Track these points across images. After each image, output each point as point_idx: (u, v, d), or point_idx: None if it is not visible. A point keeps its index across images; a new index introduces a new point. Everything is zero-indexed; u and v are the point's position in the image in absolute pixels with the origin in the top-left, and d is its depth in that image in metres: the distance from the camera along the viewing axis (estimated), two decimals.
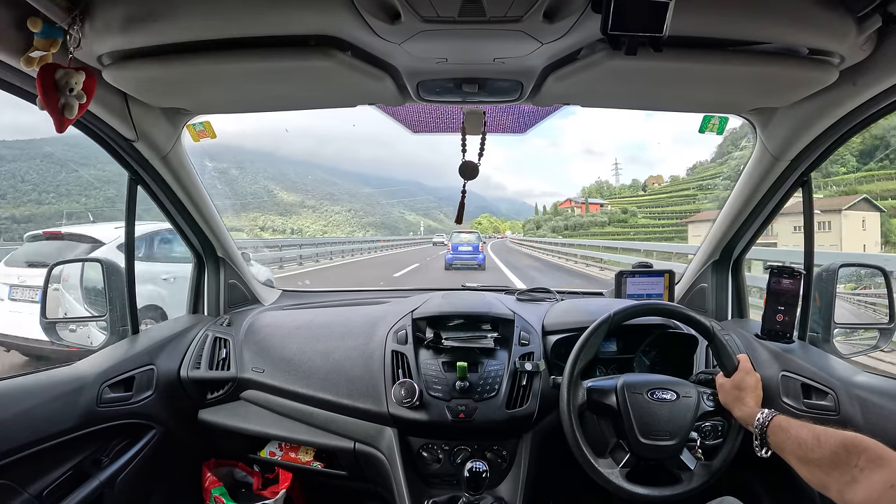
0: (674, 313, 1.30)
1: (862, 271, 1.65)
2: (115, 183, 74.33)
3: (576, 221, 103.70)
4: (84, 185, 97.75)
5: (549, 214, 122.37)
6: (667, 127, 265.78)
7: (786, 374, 1.31)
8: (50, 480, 1.18)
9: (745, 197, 1.53)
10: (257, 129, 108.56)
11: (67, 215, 76.67)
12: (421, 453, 1.42)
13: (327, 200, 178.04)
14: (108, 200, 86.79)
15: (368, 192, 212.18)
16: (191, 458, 1.67)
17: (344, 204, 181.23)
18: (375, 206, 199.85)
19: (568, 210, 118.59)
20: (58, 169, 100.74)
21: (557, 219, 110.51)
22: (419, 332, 1.55)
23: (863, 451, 0.80)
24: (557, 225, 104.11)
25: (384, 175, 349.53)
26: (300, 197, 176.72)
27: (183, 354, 1.60)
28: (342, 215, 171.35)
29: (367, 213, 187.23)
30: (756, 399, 1.14)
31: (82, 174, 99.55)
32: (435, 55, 1.06)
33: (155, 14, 0.90)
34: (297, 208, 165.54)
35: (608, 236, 79.64)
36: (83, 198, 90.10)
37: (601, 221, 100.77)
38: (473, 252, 17.54)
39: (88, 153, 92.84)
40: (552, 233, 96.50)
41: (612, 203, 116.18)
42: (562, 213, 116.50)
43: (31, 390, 1.16)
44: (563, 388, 1.20)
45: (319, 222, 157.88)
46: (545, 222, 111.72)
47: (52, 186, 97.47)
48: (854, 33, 0.91)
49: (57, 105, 0.92)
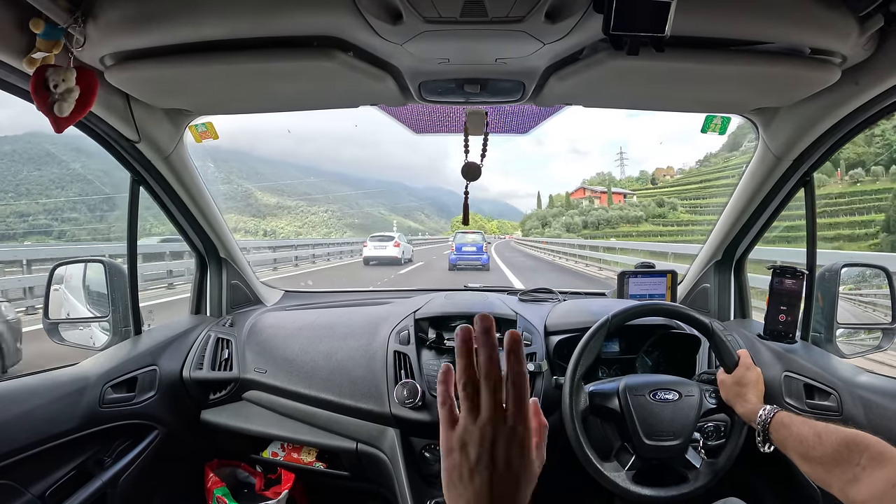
0: (672, 312, 1.30)
1: (868, 271, 1.63)
2: (80, 182, 73.17)
3: (599, 217, 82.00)
4: (45, 183, 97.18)
5: (558, 208, 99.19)
6: (652, 126, 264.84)
7: (788, 375, 1.31)
8: (52, 481, 1.18)
9: (747, 197, 1.53)
10: (237, 128, 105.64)
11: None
12: (423, 454, 1.42)
13: (304, 201, 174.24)
14: (69, 202, 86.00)
15: (348, 192, 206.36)
16: (193, 459, 1.67)
17: (321, 204, 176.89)
18: (354, 207, 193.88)
19: (583, 201, 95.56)
20: (19, 168, 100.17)
21: (572, 213, 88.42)
22: (421, 332, 1.55)
23: (864, 448, 0.80)
24: (573, 221, 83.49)
25: (364, 176, 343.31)
26: (275, 197, 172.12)
27: (185, 355, 1.60)
28: (318, 216, 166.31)
29: (346, 213, 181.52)
30: (758, 394, 1.14)
31: (44, 173, 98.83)
32: (437, 56, 1.06)
33: (157, 15, 0.90)
34: (272, 209, 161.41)
35: (644, 237, 62.96)
36: (43, 198, 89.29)
37: (634, 216, 79.33)
38: (478, 252, 17.40)
39: (55, 150, 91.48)
40: (567, 232, 77.49)
41: (638, 194, 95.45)
42: (575, 206, 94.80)
43: (33, 391, 1.17)
44: (566, 394, 1.19)
45: (294, 223, 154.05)
46: (555, 218, 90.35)
47: (10, 186, 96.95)
48: (856, 33, 0.90)
49: (50, 106, 0.92)
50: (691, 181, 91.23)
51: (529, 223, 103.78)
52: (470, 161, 1.40)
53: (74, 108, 0.94)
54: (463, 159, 1.40)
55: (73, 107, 0.93)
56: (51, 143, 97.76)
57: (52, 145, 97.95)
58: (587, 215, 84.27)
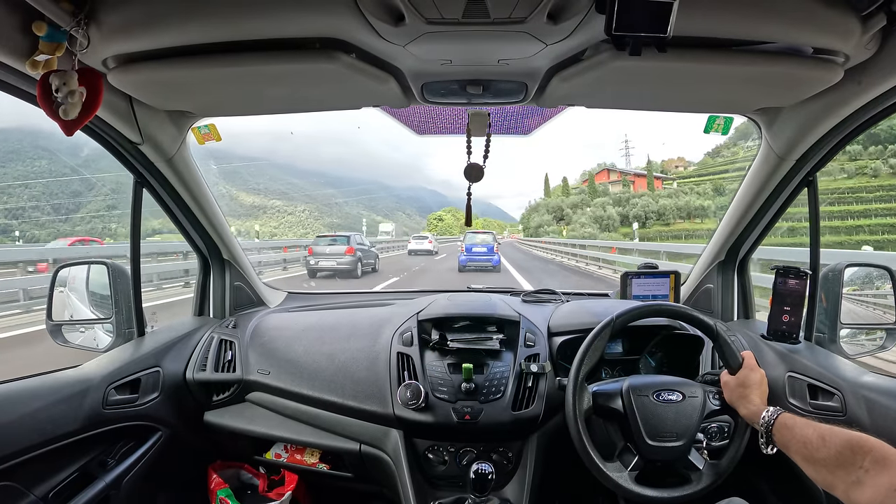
0: (676, 313, 1.29)
1: (874, 272, 1.62)
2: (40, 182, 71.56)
3: (646, 207, 58.23)
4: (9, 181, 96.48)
5: (575, 195, 72.07)
6: (641, 125, 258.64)
7: (792, 375, 1.31)
8: (56, 482, 1.19)
9: (750, 197, 1.53)
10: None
11: None
12: (427, 455, 1.42)
13: (280, 200, 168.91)
14: (32, 198, 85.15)
15: (327, 191, 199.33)
16: (197, 460, 1.67)
17: (298, 204, 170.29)
18: (333, 207, 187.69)
19: (606, 186, 72.63)
20: None
21: (602, 202, 63.08)
22: (425, 333, 1.55)
23: (868, 451, 0.79)
24: (604, 214, 59.65)
25: (345, 175, 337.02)
26: (251, 197, 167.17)
27: (189, 357, 1.61)
28: (296, 216, 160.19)
29: (325, 213, 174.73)
30: (761, 396, 1.14)
31: (8, 170, 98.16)
32: (439, 57, 1.06)
33: (159, 17, 0.90)
34: (247, 209, 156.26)
35: (694, 239, 45.84)
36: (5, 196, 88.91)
37: (694, 207, 56.09)
38: (488, 253, 16.91)
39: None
40: (604, 231, 55.61)
41: (677, 181, 73.88)
42: (602, 192, 69.54)
43: (36, 392, 1.17)
44: (569, 393, 1.19)
45: (270, 224, 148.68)
46: (576, 209, 65.73)
47: None
48: (858, 32, 0.90)
49: (56, 110, 0.92)
50: (712, 170, 74.81)
51: (537, 218, 70.58)
52: (473, 162, 1.40)
53: (81, 111, 0.94)
54: (465, 160, 1.40)
55: (80, 109, 0.94)
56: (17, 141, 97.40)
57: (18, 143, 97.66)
58: (626, 206, 60.21)
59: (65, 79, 0.92)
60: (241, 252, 1.89)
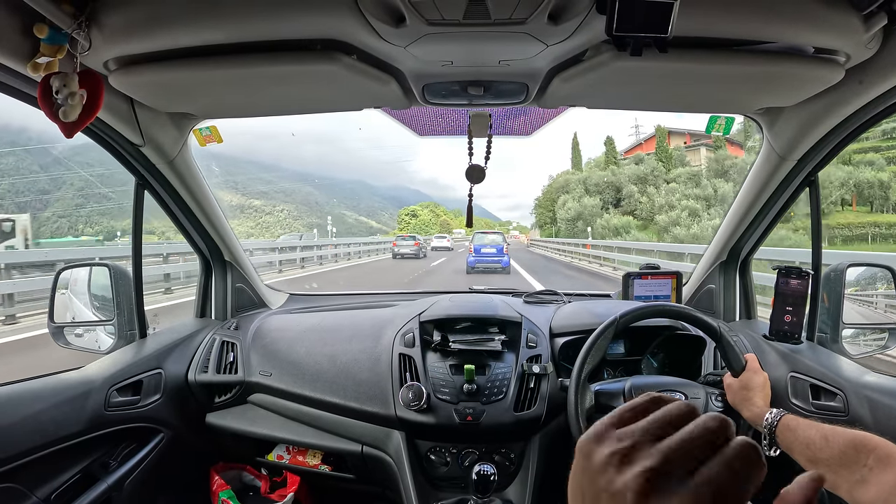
0: (680, 314, 1.28)
1: (878, 272, 1.62)
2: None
3: None
4: None
5: (627, 166, 46.14)
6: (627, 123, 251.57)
7: (794, 375, 1.30)
8: (58, 484, 1.19)
9: (751, 197, 1.53)
10: None
11: None
12: (429, 456, 1.42)
13: (258, 199, 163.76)
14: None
15: (308, 190, 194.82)
16: (199, 462, 1.67)
17: (277, 203, 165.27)
18: (314, 207, 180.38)
19: (683, 153, 45.60)
20: None
21: (684, 172, 40.95)
22: (426, 334, 1.55)
23: (872, 450, 0.79)
24: (700, 192, 37.70)
25: (326, 174, 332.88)
26: (228, 195, 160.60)
27: (191, 358, 1.61)
28: (274, 216, 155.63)
29: (304, 213, 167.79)
30: (764, 398, 1.13)
31: None
32: (440, 58, 1.06)
33: (161, 19, 0.90)
34: (225, 209, 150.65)
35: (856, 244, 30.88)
36: None
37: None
38: (498, 254, 16.66)
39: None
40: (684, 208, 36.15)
41: None
42: (679, 160, 43.87)
43: (39, 394, 1.17)
44: (571, 393, 1.19)
45: (247, 224, 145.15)
46: (644, 185, 41.81)
47: None
48: (860, 31, 0.90)
49: (56, 112, 0.92)
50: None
51: (571, 203, 44.16)
52: (474, 164, 1.40)
53: (82, 113, 0.94)
54: (467, 161, 1.40)
55: (80, 111, 0.94)
56: None
57: None
58: (726, 177, 38.67)
59: (66, 81, 0.92)
60: (242, 254, 1.89)
